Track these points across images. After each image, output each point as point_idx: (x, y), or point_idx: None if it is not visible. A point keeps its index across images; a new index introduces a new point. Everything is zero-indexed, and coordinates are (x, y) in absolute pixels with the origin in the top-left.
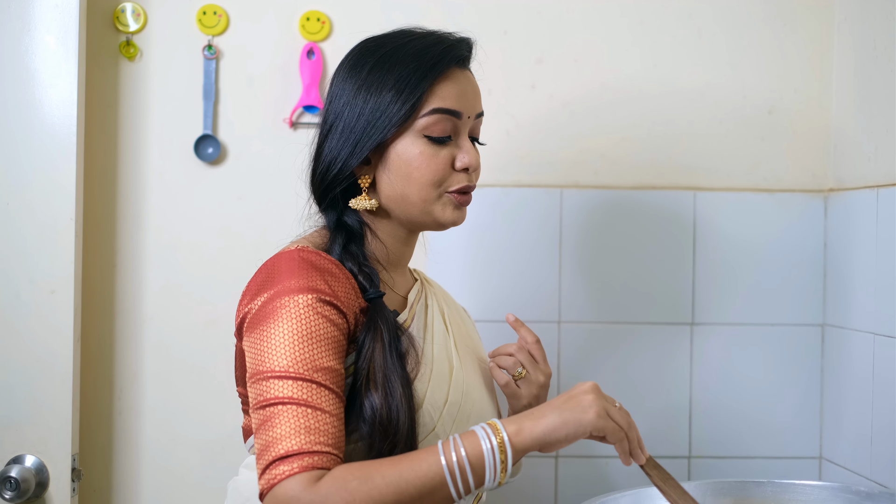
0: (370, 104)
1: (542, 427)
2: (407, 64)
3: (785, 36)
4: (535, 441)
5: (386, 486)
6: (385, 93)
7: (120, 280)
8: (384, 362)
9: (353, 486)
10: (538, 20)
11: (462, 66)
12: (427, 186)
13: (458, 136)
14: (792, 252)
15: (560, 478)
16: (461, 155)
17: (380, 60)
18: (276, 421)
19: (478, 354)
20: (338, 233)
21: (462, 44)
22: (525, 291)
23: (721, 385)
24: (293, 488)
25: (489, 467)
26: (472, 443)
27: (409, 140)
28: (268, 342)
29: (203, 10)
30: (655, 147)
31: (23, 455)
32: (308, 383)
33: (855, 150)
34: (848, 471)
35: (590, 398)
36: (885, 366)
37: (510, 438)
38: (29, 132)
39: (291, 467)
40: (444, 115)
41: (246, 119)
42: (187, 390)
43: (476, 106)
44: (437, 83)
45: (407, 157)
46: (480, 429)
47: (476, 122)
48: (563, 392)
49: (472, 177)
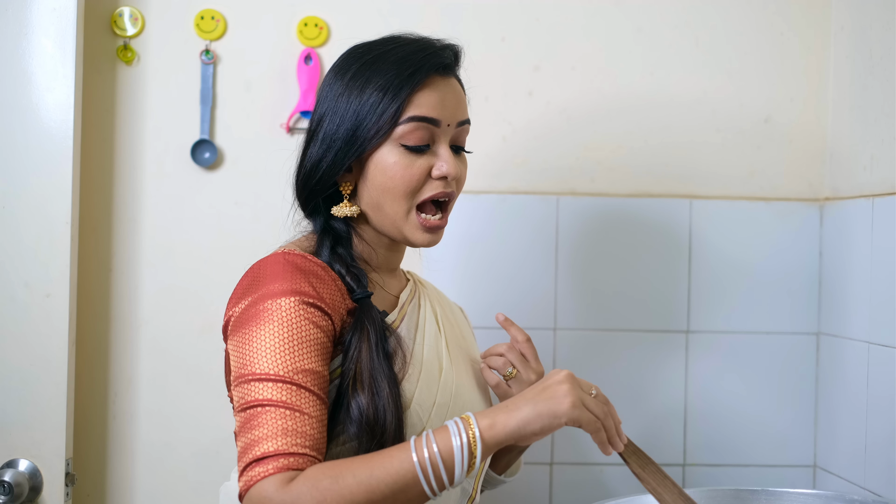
0: (350, 112)
1: (515, 420)
2: (387, 72)
3: (782, 45)
4: (509, 435)
5: (357, 484)
6: (365, 99)
7: (115, 284)
8: (371, 362)
9: (324, 484)
10: (536, 27)
11: (444, 73)
12: (400, 196)
13: (437, 144)
14: (787, 261)
15: (555, 484)
16: (439, 163)
17: (361, 67)
18: (256, 422)
19: (471, 355)
20: (325, 236)
21: (445, 51)
22: (521, 298)
23: (716, 393)
24: (267, 489)
25: (458, 463)
26: (443, 438)
27: (386, 149)
28: (251, 345)
29: (201, 14)
30: (652, 155)
31: (16, 459)
32: (290, 385)
33: (851, 159)
34: (842, 479)
35: (564, 388)
36: (880, 375)
37: (482, 433)
38: (26, 136)
39: (267, 468)
40: (421, 124)
41: (243, 124)
42: (182, 394)
43: (457, 114)
44: (415, 91)
45: (383, 167)
46: (453, 423)
47: (459, 131)
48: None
49: (450, 185)
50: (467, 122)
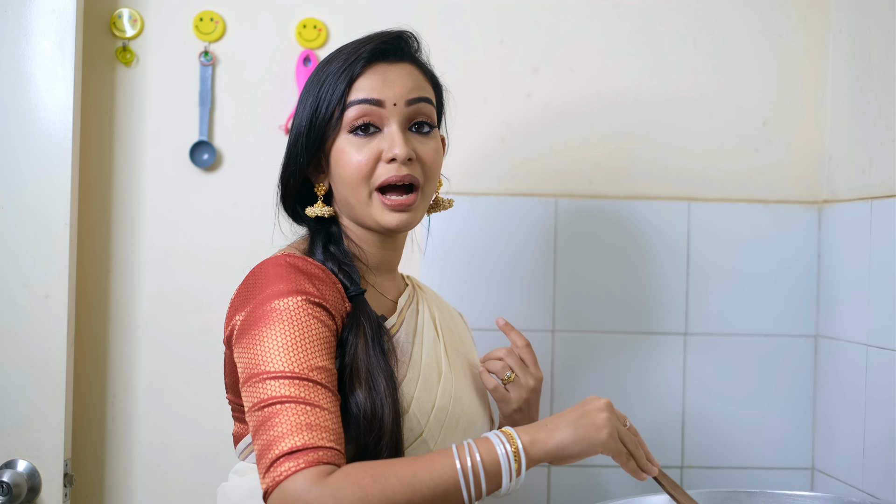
0: (309, 103)
1: (556, 441)
2: (337, 64)
3: (781, 47)
4: (548, 454)
5: (400, 484)
6: (318, 93)
7: (114, 285)
8: (367, 358)
9: (366, 482)
10: (535, 29)
11: (388, 59)
12: (356, 184)
13: (387, 126)
14: (786, 263)
15: (553, 486)
16: (387, 145)
17: (322, 65)
18: (275, 420)
19: (470, 360)
20: (316, 236)
21: (387, 37)
22: (519, 300)
23: (714, 395)
24: (302, 483)
25: (505, 473)
26: (487, 448)
27: (340, 140)
28: (261, 345)
29: (200, 16)
30: (650, 157)
31: (15, 460)
32: (305, 382)
33: (849, 161)
34: (840, 482)
35: (604, 417)
36: (878, 377)
37: (525, 447)
38: (25, 137)
39: (297, 463)
40: (363, 106)
41: (242, 125)
42: (181, 396)
43: (405, 92)
44: (356, 78)
45: (338, 157)
46: (494, 436)
47: (413, 110)
48: (573, 405)
49: (408, 167)
50: (423, 99)
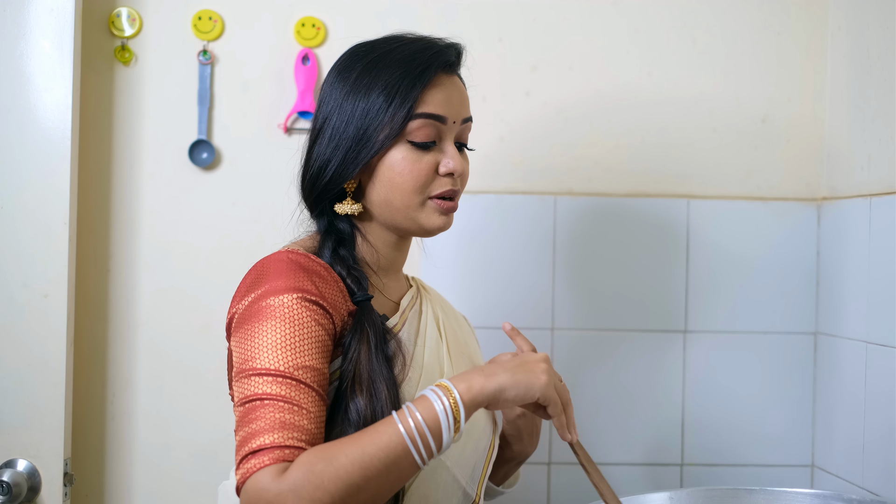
0: (358, 111)
1: (493, 385)
2: (395, 70)
3: (779, 45)
4: (487, 397)
5: (350, 463)
6: (373, 98)
7: (113, 284)
8: (370, 364)
9: (318, 468)
10: (534, 27)
11: (449, 71)
12: (410, 192)
13: (443, 141)
14: (785, 260)
15: (552, 485)
16: (445, 160)
17: (367, 66)
18: (254, 416)
19: (474, 363)
20: (328, 237)
21: (450, 49)
22: (518, 298)
23: (714, 392)
24: (262, 480)
25: (444, 429)
26: (426, 406)
27: (399, 148)
28: (253, 340)
29: (198, 15)
30: (649, 155)
31: (15, 459)
32: (289, 380)
33: (848, 158)
34: (840, 479)
35: (542, 366)
36: (878, 374)
37: (461, 395)
38: (23, 136)
39: (262, 460)
40: (429, 121)
41: (240, 124)
42: (180, 394)
43: (462, 111)
44: (424, 90)
45: (390, 163)
46: (430, 391)
47: (463, 128)
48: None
49: (457, 181)
50: (470, 119)
